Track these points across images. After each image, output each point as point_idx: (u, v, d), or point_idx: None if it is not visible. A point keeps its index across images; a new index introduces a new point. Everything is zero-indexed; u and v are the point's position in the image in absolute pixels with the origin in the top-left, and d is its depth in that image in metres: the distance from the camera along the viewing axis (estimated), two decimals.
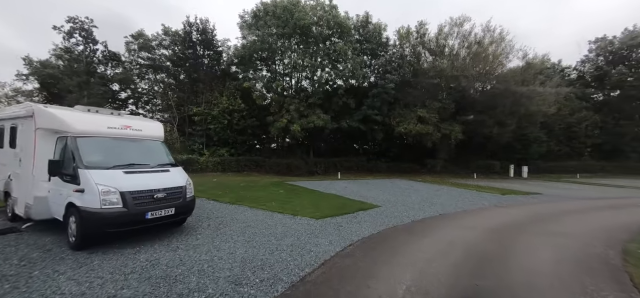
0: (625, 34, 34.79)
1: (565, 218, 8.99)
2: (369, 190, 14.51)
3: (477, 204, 11.14)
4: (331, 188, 14.68)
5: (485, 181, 21.38)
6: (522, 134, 26.01)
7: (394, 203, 10.80)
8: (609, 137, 31.51)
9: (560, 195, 14.42)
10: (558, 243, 6.26)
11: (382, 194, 13.08)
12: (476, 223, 8.01)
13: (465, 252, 5.62)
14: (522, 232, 7.19)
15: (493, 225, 7.76)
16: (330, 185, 15.96)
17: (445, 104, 24.55)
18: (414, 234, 6.80)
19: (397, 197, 12.26)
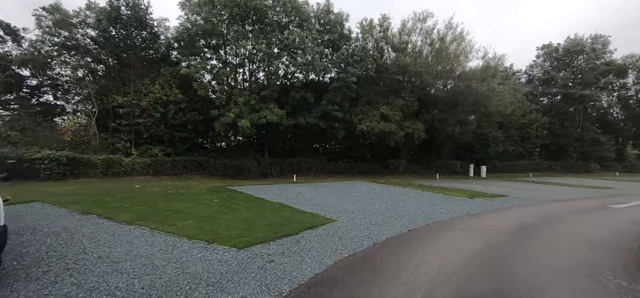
0: (568, 42, 37.20)
1: (554, 229, 7.59)
2: (325, 196, 12.35)
3: (448, 212, 9.50)
4: (281, 195, 12.26)
5: (449, 182, 20.53)
6: (481, 133, 25.93)
7: (353, 214, 8.71)
8: (555, 137, 33.21)
9: (525, 197, 13.58)
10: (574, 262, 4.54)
11: (340, 202, 10.97)
12: (458, 244, 6.16)
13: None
14: (520, 250, 5.46)
15: (478, 247, 5.95)
16: (281, 191, 13.53)
17: (408, 101, 23.43)
18: (376, 271, 4.66)
19: (357, 205, 10.23)
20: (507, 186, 18.47)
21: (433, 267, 4.77)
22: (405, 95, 23.70)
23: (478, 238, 6.66)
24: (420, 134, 22.54)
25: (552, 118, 33.62)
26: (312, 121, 20.51)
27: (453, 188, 16.69)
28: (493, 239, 6.53)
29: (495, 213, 9.72)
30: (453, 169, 25.74)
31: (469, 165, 26.06)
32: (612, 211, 10.51)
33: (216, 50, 20.74)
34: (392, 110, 22.19)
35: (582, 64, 36.32)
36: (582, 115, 35.84)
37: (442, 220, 8.43)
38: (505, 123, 28.48)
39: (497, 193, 14.56)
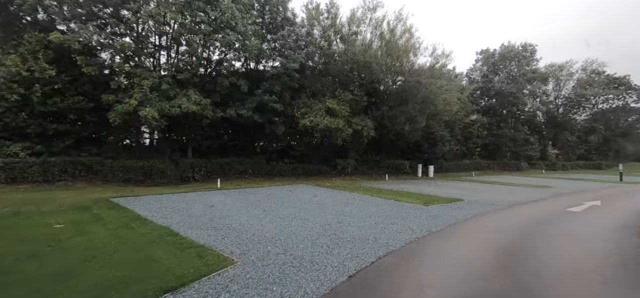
0: (503, 48, 39.47)
1: (541, 253, 5.58)
2: (246, 210, 9.16)
3: (405, 231, 7.09)
4: (185, 211, 8.75)
5: (399, 183, 18.89)
6: (430, 132, 25.19)
7: (270, 245, 5.73)
8: (493, 138, 34.67)
9: (481, 201, 12.13)
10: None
11: (262, 220, 7.91)
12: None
13: None
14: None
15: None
16: (189, 204, 9.95)
17: (357, 96, 21.37)
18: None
19: (283, 226, 7.28)
20: (457, 187, 17.35)
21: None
22: (354, 89, 21.58)
23: (451, 284, 4.20)
24: (369, 131, 20.60)
25: (491, 119, 35.05)
26: (245, 114, 17.04)
27: (404, 191, 14.81)
28: (479, 290, 4.11)
29: (460, 229, 7.61)
30: (402, 169, 24.49)
31: (418, 165, 25.12)
32: (577, 217, 9.28)
33: (117, 19, 15.93)
34: (339, 105, 19.85)
35: (514, 69, 38.84)
36: (514, 117, 38.25)
37: (399, 247, 5.90)
38: (451, 122, 28.42)
39: (452, 197, 12.95)
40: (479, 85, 37.22)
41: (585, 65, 42.98)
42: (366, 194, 13.47)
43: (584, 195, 14.76)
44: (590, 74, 43.84)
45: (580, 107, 45.07)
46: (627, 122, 47.46)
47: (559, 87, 43.36)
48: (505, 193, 14.83)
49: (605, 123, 46.38)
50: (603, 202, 12.33)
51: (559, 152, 44.01)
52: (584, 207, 10.93)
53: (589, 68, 43.11)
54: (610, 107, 46.24)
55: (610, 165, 44.00)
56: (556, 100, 43.90)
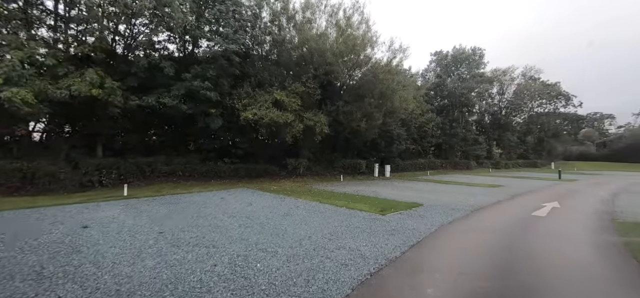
0: (455, 51, 40.54)
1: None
2: (135, 234, 6.37)
3: (352, 261, 4.99)
4: (15, 244, 5.68)
5: (354, 185, 17.17)
6: (386, 130, 24.07)
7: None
8: (446, 137, 35.18)
9: (441, 205, 10.74)
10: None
11: (145, 253, 5.25)
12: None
13: None
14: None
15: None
16: (52, 224, 6.81)
17: (310, 88, 19.21)
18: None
19: (170, 266, 4.72)
20: (415, 188, 16.11)
21: None
22: (307, 81, 19.37)
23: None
24: (322, 127, 18.57)
25: (444, 119, 35.54)
26: (169, 102, 13.82)
27: (359, 195, 13.01)
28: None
29: (425, 252, 5.76)
30: (358, 169, 23.00)
31: (374, 165, 23.86)
32: (546, 224, 8.13)
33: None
34: (289, 97, 17.51)
35: (465, 72, 40.14)
36: (465, 118, 39.47)
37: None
38: (407, 121, 27.78)
39: (411, 201, 11.40)
40: (433, 85, 37.63)
41: (525, 71, 46.34)
42: (315, 200, 11.33)
43: (538, 195, 14.36)
44: (528, 80, 47.42)
45: (519, 110, 48.61)
46: (557, 124, 52.52)
47: (502, 91, 46.16)
48: (464, 195, 13.81)
49: (539, 125, 50.71)
50: (560, 202, 11.75)
51: (502, 152, 46.83)
52: (547, 210, 10.03)
53: (527, 74, 46.53)
54: (543, 111, 50.71)
55: (544, 163, 48.12)
56: (500, 103, 46.68)
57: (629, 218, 9.02)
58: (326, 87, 21.31)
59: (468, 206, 10.66)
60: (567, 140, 56.53)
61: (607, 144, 57.26)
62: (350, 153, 24.02)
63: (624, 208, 10.71)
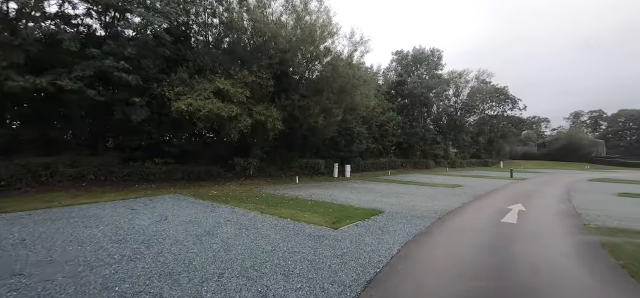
0: (415, 51, 40.84)
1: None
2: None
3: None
4: None
5: (310, 187, 15.33)
6: (347, 128, 22.64)
7: None
8: (407, 136, 35.01)
9: (403, 211, 9.33)
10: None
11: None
12: None
13: None
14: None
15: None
16: None
17: (262, 79, 16.95)
18: None
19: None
20: (375, 190, 14.73)
21: None
22: (258, 70, 17.07)
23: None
24: (275, 123, 16.44)
25: (404, 118, 35.37)
26: (70, 85, 10.67)
27: (312, 200, 11.17)
28: None
29: (386, 289, 4.03)
30: (317, 169, 21.24)
31: (334, 165, 22.30)
32: (521, 233, 6.97)
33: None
34: (235, 87, 15.12)
35: (424, 73, 40.61)
36: (424, 117, 39.88)
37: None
38: (369, 119, 26.74)
39: (370, 207, 9.84)
40: (394, 84, 37.36)
41: (478, 74, 48.42)
42: (256, 209, 9.21)
43: (499, 196, 13.77)
44: (481, 83, 49.76)
45: (472, 112, 50.88)
46: (504, 126, 56.09)
47: (458, 93, 47.82)
48: (426, 198, 12.65)
49: (490, 126, 53.66)
50: (523, 204, 11.04)
51: (457, 151, 48.54)
52: (515, 215, 9.06)
53: (480, 77, 48.72)
54: (493, 113, 53.76)
55: (494, 162, 50.95)
56: (456, 105, 48.33)
57: (593, 219, 8.33)
58: (281, 79, 19.19)
59: (432, 212, 9.33)
60: (513, 140, 60.82)
61: (547, 145, 62.92)
62: (308, 153, 22.17)
63: (585, 209, 10.19)
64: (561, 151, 55.88)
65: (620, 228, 7.62)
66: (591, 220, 8.51)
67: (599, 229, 7.48)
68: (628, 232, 7.27)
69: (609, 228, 7.62)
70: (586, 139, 60.33)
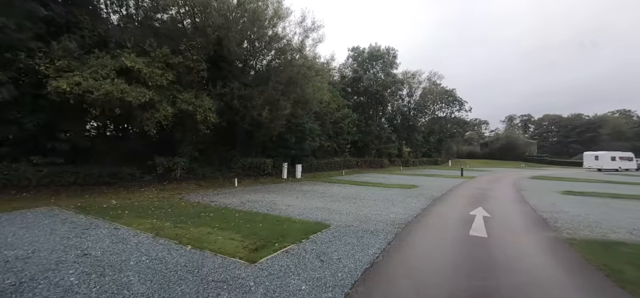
0: (371, 48, 40.15)
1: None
2: None
3: None
4: None
5: (250, 191, 12.79)
6: (298, 123, 20.41)
7: None
8: (362, 134, 34.00)
9: (356, 223, 7.43)
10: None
11: None
12: None
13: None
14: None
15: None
16: None
17: (191, 60, 13.91)
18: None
19: None
20: (325, 194, 12.73)
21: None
22: (188, 50, 13.94)
23: None
24: (207, 114, 13.55)
25: (360, 116, 34.34)
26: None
27: (242, 211, 8.72)
28: None
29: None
30: (263, 170, 18.65)
31: (283, 164, 19.93)
32: (498, 254, 5.41)
33: None
34: (152, 66, 11.94)
35: (379, 72, 40.16)
36: (379, 116, 39.42)
37: None
38: (322, 115, 24.86)
39: (314, 220, 7.73)
40: (350, 80, 36.17)
41: (430, 76, 49.79)
42: (152, 230, 6.50)
43: (456, 198, 12.71)
44: (432, 84, 51.33)
45: (424, 112, 52.36)
46: (452, 126, 58.95)
47: (411, 93, 48.67)
48: (382, 202, 10.97)
49: (439, 126, 55.85)
50: (484, 207, 9.90)
51: (410, 150, 49.42)
52: (481, 223, 7.68)
53: (432, 78, 50.17)
54: (443, 114, 56.04)
55: (443, 160, 53.05)
56: (409, 105, 49.16)
57: (564, 226, 7.28)
58: (219, 64, 16.28)
59: (389, 223, 7.53)
60: (460, 140, 64.46)
61: (488, 144, 68.01)
62: (253, 151, 19.46)
63: (549, 214, 9.31)
64: (501, 150, 60.65)
65: (607, 241, 6.55)
66: (561, 226, 7.45)
67: (589, 246, 6.29)
68: (614, 244, 6.17)
69: (596, 241, 6.49)
70: (521, 140, 66.44)
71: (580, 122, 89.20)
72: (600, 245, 6.01)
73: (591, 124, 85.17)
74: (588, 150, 75.16)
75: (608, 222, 8.22)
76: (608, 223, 7.97)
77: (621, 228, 7.62)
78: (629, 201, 12.33)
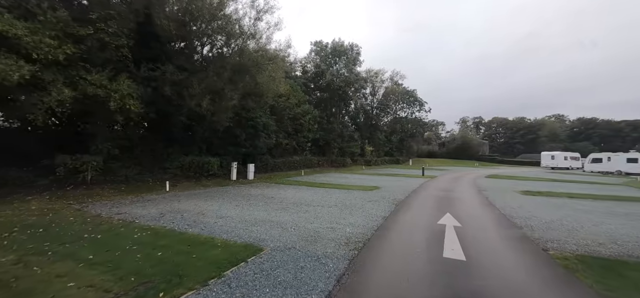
0: (335, 43, 38.80)
1: None
2: None
3: None
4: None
5: (183, 197, 10.33)
6: (249, 117, 18.08)
7: None
8: (324, 132, 32.47)
9: (299, 243, 5.63)
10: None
11: None
12: None
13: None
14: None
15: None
16: None
17: (107, 34, 10.99)
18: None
19: None
20: (273, 200, 10.74)
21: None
22: (102, 20, 10.96)
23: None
24: (125, 101, 10.79)
25: (322, 113, 32.77)
26: None
27: (152, 229, 6.41)
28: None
29: None
30: (207, 170, 16.05)
31: (232, 164, 17.48)
32: (481, 282, 3.92)
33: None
34: (37, 34, 8.94)
35: (343, 66, 39.01)
36: (342, 114, 38.25)
37: None
38: (280, 109, 22.74)
39: (243, 241, 5.71)
40: (312, 75, 34.42)
41: (393, 75, 49.99)
42: None
43: (421, 201, 11.51)
44: (394, 84, 51.65)
45: (386, 112, 52.57)
46: (413, 126, 60.21)
47: (374, 92, 48.44)
48: (339, 209, 9.29)
49: (401, 126, 56.61)
50: (453, 213, 8.68)
51: (373, 149, 49.21)
52: (454, 237, 6.30)
53: (394, 78, 50.42)
54: (404, 114, 56.88)
55: (404, 160, 53.73)
56: (372, 103, 48.88)
57: (545, 236, 6.18)
58: (149, 43, 13.43)
59: (342, 243, 5.78)
60: (420, 140, 66.26)
61: (446, 144, 70.98)
62: (195, 148, 16.76)
63: (522, 220, 8.32)
64: (457, 150, 63.53)
65: (603, 258, 5.44)
66: (542, 237, 6.32)
67: (589, 268, 5.08)
68: (615, 264, 5.05)
69: (591, 258, 5.34)
70: (475, 140, 70.34)
71: (524, 124, 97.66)
72: (601, 267, 4.84)
73: (532, 127, 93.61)
74: (528, 151, 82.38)
75: (584, 228, 7.37)
76: (586, 231, 7.08)
77: (600, 234, 6.75)
78: (584, 201, 12.11)
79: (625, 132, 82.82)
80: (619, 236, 6.77)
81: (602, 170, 35.26)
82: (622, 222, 8.33)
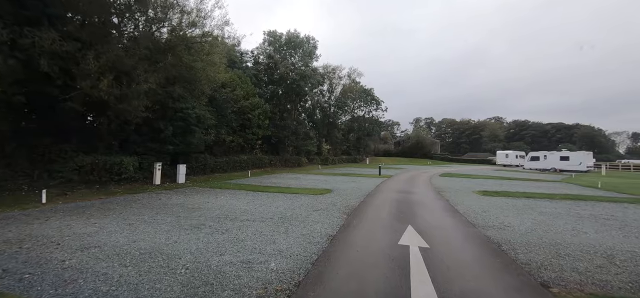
0: (290, 34, 36.39)
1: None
2: None
3: None
4: None
5: (62, 211, 7.21)
6: (178, 109, 14.88)
7: None
8: (276, 129, 29.91)
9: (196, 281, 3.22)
10: None
11: None
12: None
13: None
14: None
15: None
16: None
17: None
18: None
19: None
20: (193, 213, 8.10)
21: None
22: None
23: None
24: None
25: (274, 108, 30.16)
26: None
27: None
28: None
29: None
30: (118, 173, 12.63)
31: (155, 165, 14.18)
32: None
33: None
34: None
35: (299, 59, 36.77)
36: (297, 110, 36.02)
37: None
38: (221, 100, 19.69)
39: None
40: (264, 66, 31.58)
41: (350, 72, 49.07)
42: None
43: (378, 209, 9.74)
44: (352, 82, 50.84)
45: (344, 110, 51.61)
46: (370, 125, 60.33)
47: (332, 89, 47.02)
48: (271, 228, 7.02)
49: (358, 124, 56.22)
50: (415, 226, 6.98)
51: (330, 148, 47.83)
52: (423, 274, 4.44)
53: (352, 75, 49.57)
54: (361, 113, 56.56)
55: (361, 158, 53.34)
56: (329, 101, 47.41)
57: (535, 260, 4.67)
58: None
59: (253, 297, 3.53)
60: (377, 139, 66.90)
61: (401, 143, 72.81)
62: (102, 145, 13.16)
63: (496, 230, 6.88)
64: (411, 149, 65.42)
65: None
66: (531, 262, 4.77)
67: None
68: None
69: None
70: (428, 140, 73.25)
71: (469, 125, 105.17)
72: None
73: (476, 128, 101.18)
74: (473, 149, 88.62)
75: (565, 241, 6.11)
76: (571, 246, 5.78)
77: (588, 250, 5.48)
78: (543, 202, 11.48)
79: (551, 133, 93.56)
80: (607, 249, 5.56)
81: (539, 167, 38.04)
82: (595, 227, 7.39)
